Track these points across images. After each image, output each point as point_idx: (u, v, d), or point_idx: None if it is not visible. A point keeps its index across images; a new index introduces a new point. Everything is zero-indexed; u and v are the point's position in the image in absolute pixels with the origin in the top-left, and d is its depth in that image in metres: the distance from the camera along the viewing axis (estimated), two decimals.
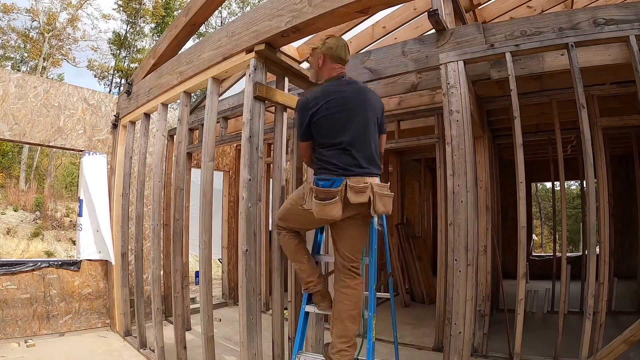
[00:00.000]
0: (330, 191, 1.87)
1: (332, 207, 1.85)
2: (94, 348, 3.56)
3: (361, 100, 2.07)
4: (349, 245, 2.03)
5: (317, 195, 1.88)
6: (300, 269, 2.19)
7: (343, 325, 1.98)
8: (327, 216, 1.87)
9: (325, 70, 2.14)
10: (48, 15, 19.31)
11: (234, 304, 5.51)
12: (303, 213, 2.02)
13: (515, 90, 2.39)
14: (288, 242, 2.22)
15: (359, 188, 1.89)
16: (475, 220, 2.29)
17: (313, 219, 1.97)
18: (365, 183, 1.91)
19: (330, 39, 2.14)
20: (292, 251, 2.21)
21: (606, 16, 2.21)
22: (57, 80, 6.40)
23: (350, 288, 2.00)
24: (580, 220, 11.34)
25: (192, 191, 4.60)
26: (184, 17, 3.34)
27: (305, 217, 2.06)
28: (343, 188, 1.87)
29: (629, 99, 3.01)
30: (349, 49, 2.17)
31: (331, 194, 1.86)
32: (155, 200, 3.26)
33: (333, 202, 1.85)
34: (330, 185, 1.90)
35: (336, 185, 1.89)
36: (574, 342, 2.61)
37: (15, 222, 11.28)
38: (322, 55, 2.12)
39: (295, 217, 2.15)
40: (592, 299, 2.41)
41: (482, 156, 3.70)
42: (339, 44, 2.12)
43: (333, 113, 1.98)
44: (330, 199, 1.86)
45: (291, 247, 2.21)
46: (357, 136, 1.99)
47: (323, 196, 1.87)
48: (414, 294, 5.69)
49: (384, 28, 4.58)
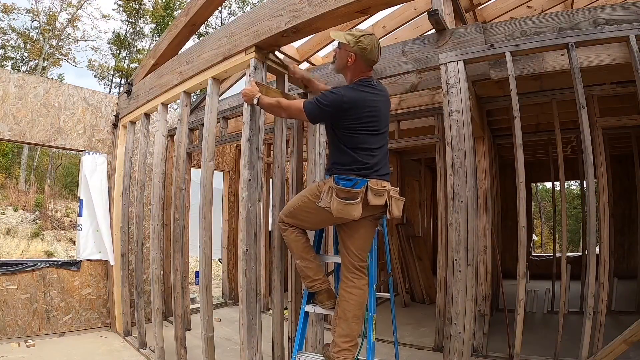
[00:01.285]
0: (353, 191, 1.89)
1: (354, 207, 1.88)
2: (93, 348, 3.56)
3: (388, 111, 2.13)
4: (360, 245, 2.04)
5: (338, 195, 1.90)
6: (307, 267, 2.17)
7: (347, 325, 1.99)
8: (347, 215, 1.89)
9: (355, 70, 2.06)
10: (48, 15, 19.30)
11: (234, 304, 5.51)
12: (316, 211, 2.03)
13: (515, 90, 2.39)
14: (296, 239, 2.18)
15: (378, 191, 1.93)
16: (475, 220, 2.29)
17: (326, 218, 2.00)
18: (384, 186, 1.96)
19: (364, 37, 2.00)
20: (300, 249, 2.18)
21: (606, 16, 2.21)
22: (57, 81, 6.40)
23: (357, 288, 2.01)
24: (580, 220, 11.34)
25: (192, 191, 4.61)
26: (183, 17, 3.34)
27: (317, 216, 2.06)
28: (364, 190, 1.91)
29: (629, 99, 3.01)
30: (380, 49, 2.10)
31: (353, 194, 1.89)
32: (155, 200, 3.26)
33: (355, 202, 1.88)
34: (352, 186, 1.92)
35: (359, 186, 1.92)
36: (574, 342, 2.61)
37: (15, 222, 11.28)
38: (354, 54, 2.01)
39: (306, 214, 2.12)
40: (592, 299, 2.40)
41: (482, 156, 3.70)
42: (373, 46, 2.01)
43: (369, 122, 1.99)
44: (352, 199, 1.88)
45: (299, 244, 2.18)
46: (382, 143, 2.06)
47: (344, 196, 1.89)
48: (414, 294, 5.69)
49: (384, 28, 4.58)
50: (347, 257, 2.04)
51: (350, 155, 1.97)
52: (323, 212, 1.97)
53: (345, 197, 1.89)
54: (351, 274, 2.03)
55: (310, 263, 2.16)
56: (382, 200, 1.94)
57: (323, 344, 2.60)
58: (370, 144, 2.00)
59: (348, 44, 2.01)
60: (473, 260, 2.22)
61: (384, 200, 1.95)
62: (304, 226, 2.21)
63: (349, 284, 2.02)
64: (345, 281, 2.04)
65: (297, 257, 2.21)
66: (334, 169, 2.03)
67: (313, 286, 2.17)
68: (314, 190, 2.08)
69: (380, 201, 1.94)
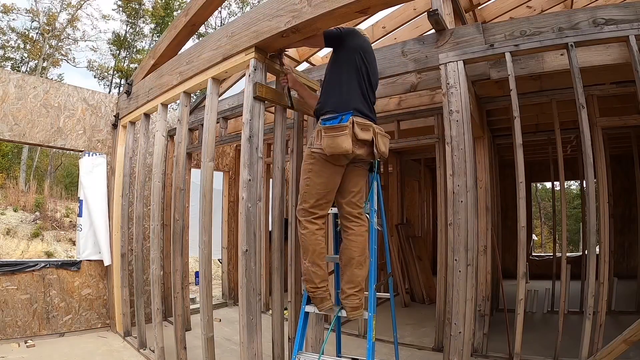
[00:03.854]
0: (339, 126, 2.00)
1: (343, 139, 1.97)
2: (93, 348, 3.56)
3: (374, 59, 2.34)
4: (355, 191, 2.18)
5: (327, 132, 2.00)
6: (315, 273, 2.15)
7: (351, 272, 2.12)
8: (339, 149, 1.97)
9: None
10: (48, 16, 19.30)
11: (234, 304, 5.51)
12: (320, 178, 2.11)
13: (515, 90, 2.39)
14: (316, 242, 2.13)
15: (364, 126, 2.06)
16: (475, 220, 2.29)
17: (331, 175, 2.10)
18: (369, 123, 2.11)
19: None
20: (316, 252, 2.13)
21: (606, 16, 2.21)
22: (57, 81, 6.40)
23: (358, 235, 2.13)
24: (580, 220, 11.34)
25: (192, 191, 4.60)
26: (183, 17, 3.34)
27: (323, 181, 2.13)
28: (350, 124, 2.01)
29: (628, 99, 3.01)
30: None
31: (340, 128, 1.99)
32: (155, 201, 3.26)
33: (343, 134, 1.97)
34: (339, 121, 2.02)
35: (345, 120, 2.02)
36: (574, 342, 2.61)
37: (15, 223, 11.27)
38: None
39: (314, 187, 2.13)
40: (592, 298, 2.40)
41: (482, 156, 3.69)
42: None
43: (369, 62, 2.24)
44: (340, 132, 1.98)
45: (317, 247, 2.13)
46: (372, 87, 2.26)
47: (332, 132, 2.00)
48: (414, 294, 5.69)
49: (383, 28, 4.59)
50: (345, 207, 2.18)
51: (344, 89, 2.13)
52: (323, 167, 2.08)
53: (333, 133, 1.99)
54: (351, 222, 2.15)
55: (320, 270, 2.16)
56: (369, 135, 2.07)
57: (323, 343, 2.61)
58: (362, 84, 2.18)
59: None
60: (473, 260, 2.22)
61: (371, 136, 2.08)
62: (319, 202, 2.14)
63: (350, 232, 2.14)
64: (347, 230, 2.15)
65: (309, 260, 2.15)
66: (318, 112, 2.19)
67: (315, 292, 2.17)
68: (306, 161, 2.18)
69: (368, 136, 2.06)
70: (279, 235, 2.61)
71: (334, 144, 1.97)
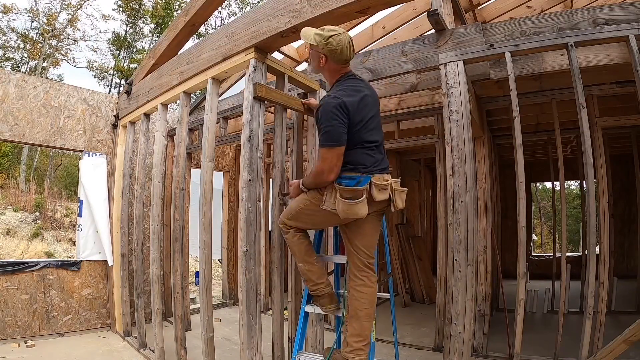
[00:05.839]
0: (358, 190, 1.85)
1: (360, 206, 1.84)
2: (93, 348, 3.56)
3: (376, 102, 2.09)
4: (367, 242, 2.02)
5: (343, 195, 1.85)
6: (310, 270, 2.15)
7: (359, 324, 1.96)
8: (354, 215, 1.85)
9: (331, 70, 2.04)
10: (48, 16, 19.30)
11: (234, 304, 5.51)
12: (319, 213, 2.00)
13: (515, 90, 2.39)
14: (299, 242, 2.16)
15: (382, 186, 1.91)
16: (475, 220, 2.29)
17: (331, 219, 1.99)
18: (387, 180, 1.95)
19: (334, 37, 1.90)
20: (303, 252, 2.16)
21: (606, 16, 2.21)
22: (57, 81, 6.40)
23: (367, 286, 1.99)
24: (580, 220, 11.34)
25: (192, 191, 4.59)
26: (183, 17, 3.34)
27: (321, 217, 2.04)
28: (368, 186, 1.88)
29: (628, 99, 3.01)
30: (353, 46, 2.00)
31: (358, 193, 1.85)
32: (155, 201, 3.26)
33: (360, 200, 1.84)
34: (356, 184, 1.88)
35: (362, 184, 1.88)
36: (574, 342, 2.61)
37: (15, 223, 11.27)
38: (325, 56, 1.96)
39: (308, 217, 2.10)
40: (592, 298, 2.40)
41: (482, 156, 3.70)
42: (343, 46, 1.92)
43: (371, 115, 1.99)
44: (357, 197, 1.84)
45: (302, 247, 2.16)
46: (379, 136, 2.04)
47: (349, 195, 1.84)
48: (414, 294, 5.69)
49: (383, 28, 4.59)
50: (355, 255, 2.01)
51: (352, 154, 1.92)
52: (327, 214, 1.95)
53: (350, 196, 1.84)
54: (360, 272, 2.00)
55: (313, 266, 2.15)
56: (387, 195, 1.93)
57: (323, 344, 2.61)
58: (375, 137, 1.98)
59: (318, 46, 1.95)
60: (473, 260, 2.22)
61: (388, 194, 1.94)
62: (306, 227, 2.20)
63: (359, 282, 1.99)
64: (355, 280, 2.01)
65: (300, 261, 2.17)
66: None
67: (316, 290, 2.16)
68: (315, 193, 2.02)
69: (385, 196, 1.92)
70: (279, 235, 2.60)
71: (350, 211, 1.83)
